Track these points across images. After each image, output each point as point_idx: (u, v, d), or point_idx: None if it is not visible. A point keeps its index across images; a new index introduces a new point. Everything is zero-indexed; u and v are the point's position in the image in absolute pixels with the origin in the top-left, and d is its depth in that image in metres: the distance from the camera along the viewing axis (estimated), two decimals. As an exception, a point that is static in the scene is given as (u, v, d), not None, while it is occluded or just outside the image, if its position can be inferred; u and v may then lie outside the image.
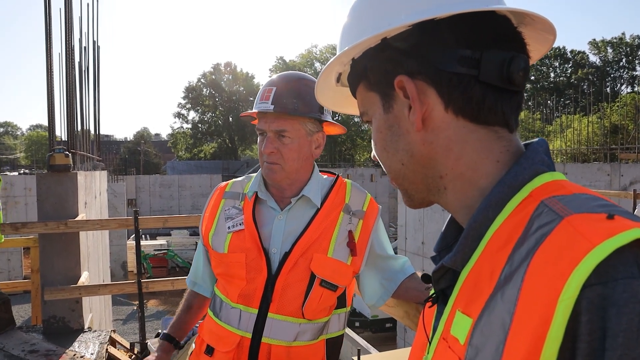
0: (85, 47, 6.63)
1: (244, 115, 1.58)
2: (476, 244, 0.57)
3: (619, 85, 46.36)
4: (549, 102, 31.85)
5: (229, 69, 47.72)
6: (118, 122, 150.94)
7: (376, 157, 0.69)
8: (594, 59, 47.28)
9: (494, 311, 0.50)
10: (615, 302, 0.41)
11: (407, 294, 1.55)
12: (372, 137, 0.68)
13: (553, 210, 0.50)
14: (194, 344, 1.59)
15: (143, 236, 22.20)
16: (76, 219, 4.16)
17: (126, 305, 16.01)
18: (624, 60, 46.19)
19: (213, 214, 1.57)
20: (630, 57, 45.69)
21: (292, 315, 1.42)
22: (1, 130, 66.97)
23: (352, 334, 6.73)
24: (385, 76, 0.62)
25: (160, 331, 4.67)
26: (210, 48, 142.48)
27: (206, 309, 1.61)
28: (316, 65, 43.51)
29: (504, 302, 0.49)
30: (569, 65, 47.11)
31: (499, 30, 0.59)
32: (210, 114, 47.38)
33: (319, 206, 1.49)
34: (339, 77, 0.74)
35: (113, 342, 4.02)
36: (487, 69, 0.57)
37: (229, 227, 1.50)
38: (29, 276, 5.12)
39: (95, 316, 5.00)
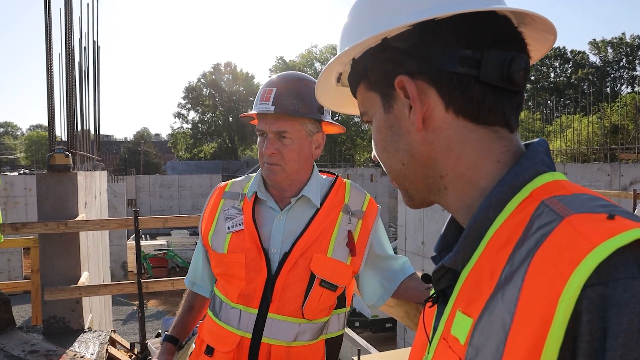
0: (85, 47, 6.64)
1: (243, 116, 1.58)
2: (476, 244, 0.57)
3: (619, 85, 46.36)
4: (549, 102, 31.84)
5: (229, 69, 47.72)
6: (118, 122, 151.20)
7: (376, 157, 0.69)
8: (594, 59, 47.36)
9: (494, 311, 0.50)
10: (616, 302, 0.41)
11: (407, 294, 1.55)
12: (373, 137, 0.68)
13: (553, 210, 0.50)
14: (194, 344, 1.59)
15: (143, 236, 22.21)
16: (76, 219, 4.16)
17: (126, 306, 16.02)
18: (624, 60, 46.18)
19: (212, 214, 1.56)
20: (631, 57, 45.69)
21: (292, 315, 1.42)
22: (1, 130, 66.97)
23: (352, 334, 6.73)
24: (386, 76, 0.62)
25: (160, 331, 4.67)
26: (210, 48, 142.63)
27: (207, 308, 1.61)
28: (316, 65, 43.50)
29: (505, 302, 0.49)
30: (569, 65, 47.11)
31: (499, 30, 0.59)
32: (210, 114, 47.36)
33: (318, 206, 1.49)
34: (339, 77, 0.74)
35: (113, 342, 4.02)
36: (488, 69, 0.57)
37: (228, 227, 1.50)
38: (29, 276, 5.12)
39: (95, 316, 5.00)
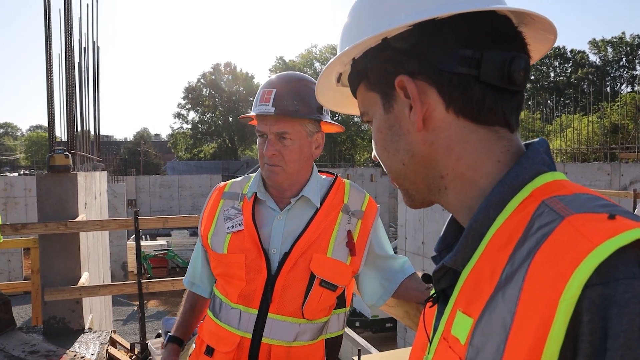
0: (84, 48, 6.64)
1: (242, 117, 1.57)
2: (477, 244, 0.57)
3: (619, 84, 46.33)
4: (549, 101, 31.85)
5: (228, 69, 47.69)
6: (118, 123, 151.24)
7: (377, 157, 0.69)
8: (594, 58, 47.33)
9: (494, 311, 0.50)
10: (617, 302, 0.41)
11: (408, 294, 1.55)
12: (373, 137, 0.68)
13: (554, 210, 0.50)
14: (194, 344, 1.59)
15: (143, 236, 22.20)
16: (76, 219, 4.16)
17: (126, 306, 16.02)
18: (624, 60, 46.16)
19: (212, 214, 1.56)
20: (630, 57, 45.66)
21: (292, 316, 1.42)
22: (1, 131, 67.02)
23: (352, 334, 6.73)
24: (386, 76, 0.62)
25: (160, 331, 4.66)
26: (210, 48, 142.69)
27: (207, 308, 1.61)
28: (316, 65, 43.49)
29: (505, 302, 0.49)
30: (569, 65, 47.08)
31: (499, 30, 0.59)
32: (210, 114, 47.35)
33: (318, 206, 1.49)
34: (339, 77, 0.74)
35: (113, 343, 4.02)
36: (488, 69, 0.57)
37: (228, 228, 1.49)
38: (29, 277, 5.11)
39: (95, 317, 5.00)
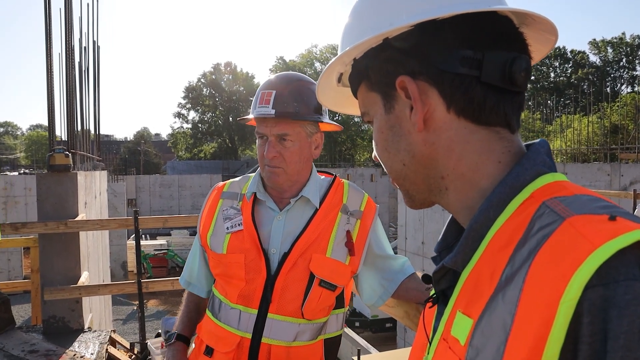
0: (85, 47, 6.64)
1: (241, 119, 1.57)
2: (477, 245, 0.57)
3: (619, 85, 46.34)
4: (549, 102, 31.84)
5: (229, 68, 47.70)
6: (118, 122, 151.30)
7: (377, 158, 0.69)
8: (594, 58, 47.33)
9: (494, 312, 0.50)
10: (617, 303, 0.41)
11: (408, 294, 1.55)
12: (374, 138, 0.68)
13: (554, 211, 0.50)
14: (193, 344, 1.59)
15: (143, 236, 22.21)
16: (76, 219, 4.16)
17: (126, 305, 16.01)
18: (624, 60, 46.16)
19: (211, 214, 1.56)
20: (631, 57, 45.66)
21: (291, 316, 1.42)
22: (1, 130, 67.00)
23: (352, 334, 6.73)
24: (387, 76, 0.62)
25: (160, 331, 4.65)
26: (210, 48, 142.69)
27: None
28: (316, 65, 43.50)
29: (505, 303, 0.49)
30: (569, 65, 47.09)
31: (500, 31, 0.59)
32: (210, 113, 47.35)
33: (317, 207, 1.49)
34: (340, 77, 0.74)
35: (113, 342, 4.02)
36: (489, 70, 0.57)
37: (227, 228, 1.49)
38: (28, 276, 5.11)
39: (95, 316, 5.00)
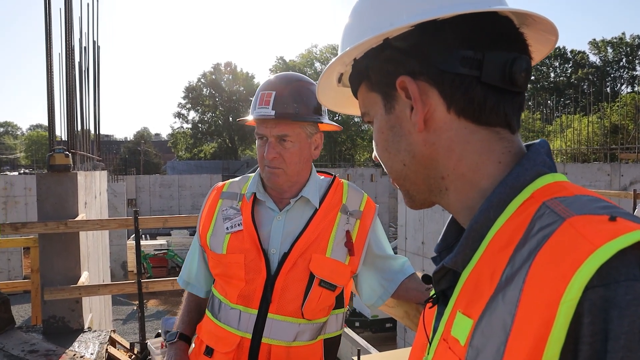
0: (85, 47, 6.63)
1: (241, 120, 1.56)
2: (477, 245, 0.57)
3: (619, 85, 46.33)
4: (549, 102, 31.84)
5: (229, 68, 47.70)
6: (118, 122, 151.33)
7: (377, 158, 0.69)
8: (594, 59, 47.32)
9: (495, 312, 0.50)
10: (617, 304, 0.41)
11: (408, 295, 1.55)
12: (374, 138, 0.68)
13: (555, 211, 0.50)
14: (193, 344, 1.59)
15: (143, 236, 22.20)
16: (76, 219, 4.16)
17: (126, 305, 16.01)
18: (624, 60, 46.15)
19: (210, 214, 1.56)
20: (631, 57, 45.66)
21: (291, 316, 1.42)
22: (1, 130, 67.00)
23: (352, 334, 6.72)
24: (387, 76, 0.62)
25: (160, 331, 4.64)
26: (210, 48, 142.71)
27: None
28: (316, 65, 43.49)
29: (505, 304, 0.49)
30: (569, 65, 47.08)
31: (501, 31, 0.59)
32: (211, 113, 47.35)
33: (317, 207, 1.49)
34: (340, 77, 0.74)
35: (113, 342, 4.02)
36: (489, 70, 0.57)
37: (227, 228, 1.49)
38: (28, 276, 5.11)
39: (95, 316, 5.00)
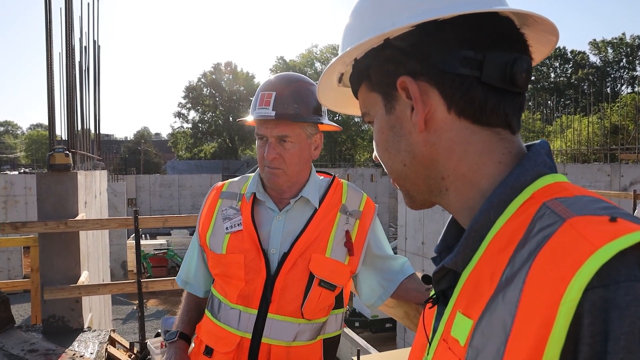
0: (85, 47, 6.63)
1: (241, 120, 1.56)
2: (477, 245, 0.57)
3: (619, 85, 46.33)
4: (549, 102, 31.84)
5: (229, 68, 47.72)
6: (118, 122, 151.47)
7: (377, 158, 0.69)
8: (594, 59, 47.32)
9: (495, 313, 0.50)
10: (618, 304, 0.41)
11: (407, 295, 1.55)
12: (374, 138, 0.68)
13: (555, 212, 0.50)
14: (193, 344, 1.59)
15: (143, 236, 22.20)
16: (76, 218, 4.16)
17: (126, 305, 16.01)
18: (624, 61, 46.15)
19: (210, 214, 1.56)
20: (631, 58, 45.65)
21: (291, 316, 1.42)
22: (1, 129, 67.03)
23: (352, 334, 6.72)
24: (388, 77, 0.62)
25: (160, 331, 4.64)
26: (210, 48, 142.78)
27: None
28: (316, 65, 43.51)
29: (505, 304, 0.49)
30: (569, 66, 47.07)
31: (501, 32, 0.59)
32: (211, 113, 47.36)
33: (317, 207, 1.49)
34: (341, 77, 0.74)
35: (113, 342, 4.02)
36: (490, 71, 0.57)
37: (227, 228, 1.49)
38: (28, 275, 5.12)
39: (95, 316, 5.00)
